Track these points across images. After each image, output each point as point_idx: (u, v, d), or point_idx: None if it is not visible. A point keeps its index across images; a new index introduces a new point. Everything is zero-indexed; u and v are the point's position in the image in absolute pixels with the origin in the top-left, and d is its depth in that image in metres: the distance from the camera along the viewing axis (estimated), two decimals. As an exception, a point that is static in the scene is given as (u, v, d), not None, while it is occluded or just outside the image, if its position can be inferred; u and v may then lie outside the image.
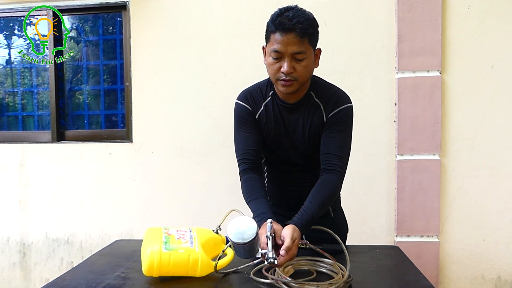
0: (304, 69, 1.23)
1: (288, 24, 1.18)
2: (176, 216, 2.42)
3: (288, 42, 1.19)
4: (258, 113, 1.38)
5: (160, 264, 1.09)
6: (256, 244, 1.07)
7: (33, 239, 2.57)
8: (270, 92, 1.37)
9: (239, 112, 1.41)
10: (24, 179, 2.57)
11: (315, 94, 1.34)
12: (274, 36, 1.21)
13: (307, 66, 1.24)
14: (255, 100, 1.38)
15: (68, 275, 1.19)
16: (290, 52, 1.20)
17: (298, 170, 1.40)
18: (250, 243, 1.03)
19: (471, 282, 2.19)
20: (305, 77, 1.26)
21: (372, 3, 2.20)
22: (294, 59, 1.21)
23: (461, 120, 2.16)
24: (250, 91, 1.41)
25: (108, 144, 2.49)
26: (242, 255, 1.09)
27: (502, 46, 2.12)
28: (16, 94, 2.76)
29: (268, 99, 1.37)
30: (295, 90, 1.27)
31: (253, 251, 1.07)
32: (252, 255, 1.08)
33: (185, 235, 1.20)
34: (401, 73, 2.17)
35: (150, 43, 2.40)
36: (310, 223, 1.19)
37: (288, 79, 1.23)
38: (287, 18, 1.19)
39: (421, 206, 2.17)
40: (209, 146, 2.36)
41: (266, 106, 1.37)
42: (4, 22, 2.73)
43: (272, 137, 1.37)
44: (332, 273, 1.13)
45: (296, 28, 1.18)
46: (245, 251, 1.07)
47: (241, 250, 1.06)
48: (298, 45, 1.20)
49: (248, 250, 1.06)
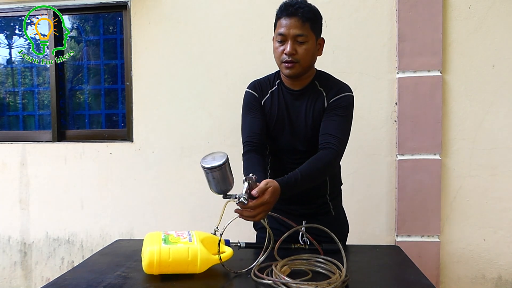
0: (305, 52, 1.34)
1: (291, 9, 1.33)
2: (176, 215, 2.42)
3: (290, 25, 1.32)
4: (264, 100, 1.47)
5: (160, 259, 1.10)
6: (228, 178, 1.14)
7: (34, 238, 2.58)
8: (277, 81, 1.48)
9: (247, 99, 1.49)
10: (25, 179, 2.57)
11: (319, 83, 1.43)
12: (280, 22, 1.35)
13: (308, 49, 1.35)
14: (263, 88, 1.48)
15: (69, 274, 1.19)
16: (292, 35, 1.32)
17: (299, 157, 1.42)
18: (219, 168, 1.11)
19: (472, 281, 2.19)
20: (307, 60, 1.36)
21: (373, 2, 2.20)
22: (296, 42, 1.33)
23: (462, 119, 2.16)
24: (259, 81, 1.51)
25: (109, 144, 2.49)
26: (214, 186, 1.15)
27: (503, 45, 2.12)
28: (16, 93, 2.77)
29: (274, 87, 1.47)
30: (297, 73, 1.37)
31: (224, 184, 1.14)
32: (223, 188, 1.14)
33: (183, 233, 1.21)
34: (401, 73, 2.17)
35: (151, 42, 2.40)
36: (291, 186, 1.22)
37: (290, 60, 1.33)
38: (291, 5, 1.34)
39: (421, 205, 2.17)
40: (210, 145, 2.36)
41: (272, 93, 1.46)
42: (5, 22, 2.73)
43: (275, 123, 1.44)
44: (329, 272, 1.13)
45: (298, 12, 1.32)
46: (216, 182, 1.13)
47: (212, 179, 1.12)
48: (300, 28, 1.32)
49: (219, 180, 1.12)
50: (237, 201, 1.11)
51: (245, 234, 1.73)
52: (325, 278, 1.09)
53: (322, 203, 1.51)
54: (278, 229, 1.39)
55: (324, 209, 1.51)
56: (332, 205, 1.52)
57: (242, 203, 1.11)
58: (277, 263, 1.16)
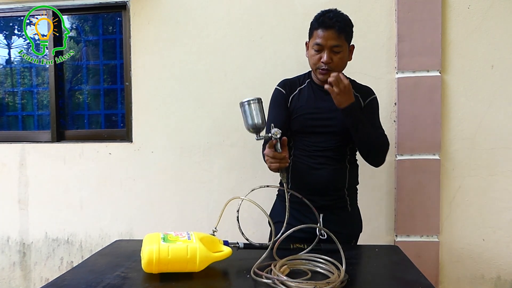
0: (340, 61, 1.50)
1: (329, 22, 1.46)
2: (176, 215, 2.42)
3: (328, 37, 1.46)
4: (292, 96, 1.60)
5: (159, 257, 1.10)
6: (261, 113, 1.26)
7: (33, 238, 2.57)
8: (307, 80, 1.62)
9: (275, 95, 1.64)
10: (24, 179, 2.57)
11: None
12: (317, 32, 1.48)
13: (343, 58, 1.51)
14: (292, 86, 1.63)
15: (68, 275, 1.19)
16: (329, 45, 1.46)
17: (322, 150, 1.55)
18: (255, 101, 1.26)
19: (471, 281, 2.19)
20: (341, 67, 1.52)
21: (372, 2, 2.20)
22: (332, 51, 1.48)
23: (461, 119, 2.17)
24: (289, 79, 1.66)
25: (108, 144, 2.49)
26: (250, 119, 1.26)
27: (502, 45, 2.12)
28: (16, 94, 2.76)
29: (304, 85, 1.62)
30: None
31: (257, 118, 1.26)
32: (258, 122, 1.26)
33: (182, 233, 1.22)
34: (401, 73, 2.17)
35: (150, 42, 2.40)
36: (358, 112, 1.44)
37: (326, 68, 1.48)
38: (329, 18, 1.47)
39: (421, 205, 2.17)
40: (209, 145, 2.36)
41: (300, 90, 1.61)
42: (4, 22, 2.73)
43: (304, 115, 1.56)
44: (328, 272, 1.13)
45: (336, 25, 1.45)
46: (251, 115, 1.26)
47: (248, 113, 1.26)
48: (336, 39, 1.46)
49: (253, 113, 1.25)
50: (273, 135, 1.26)
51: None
52: (324, 278, 1.09)
53: (340, 196, 1.58)
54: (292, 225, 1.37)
55: (341, 203, 1.58)
56: (349, 200, 1.61)
57: (276, 135, 1.26)
58: (276, 262, 1.16)
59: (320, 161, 1.54)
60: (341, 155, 1.57)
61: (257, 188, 1.37)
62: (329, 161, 1.54)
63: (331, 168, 1.53)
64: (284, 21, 2.28)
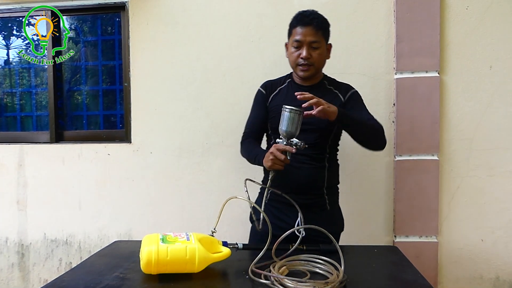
0: (319, 57, 1.57)
1: (307, 20, 1.55)
2: (175, 216, 2.41)
3: (306, 33, 1.53)
4: (272, 95, 1.68)
5: (158, 258, 1.10)
6: (298, 125, 1.35)
7: (32, 239, 2.57)
8: (288, 80, 1.69)
9: (256, 96, 1.73)
10: (22, 180, 2.56)
11: (327, 82, 1.66)
12: (296, 30, 1.56)
13: (321, 54, 1.57)
14: (273, 86, 1.70)
15: (67, 275, 1.19)
16: (308, 41, 1.53)
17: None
18: (297, 112, 1.34)
19: (470, 282, 2.19)
20: (320, 63, 1.60)
21: (371, 3, 2.21)
22: (311, 47, 1.54)
23: (460, 120, 2.17)
24: (271, 80, 1.74)
25: (107, 145, 2.48)
26: (286, 125, 1.35)
27: (500, 46, 2.13)
28: (14, 94, 2.76)
29: (284, 85, 1.68)
30: (311, 75, 1.59)
31: (293, 127, 1.35)
32: (292, 130, 1.35)
33: (181, 234, 1.22)
34: (399, 74, 2.17)
35: (149, 43, 2.40)
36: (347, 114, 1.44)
37: (306, 63, 1.55)
38: (306, 16, 1.56)
39: (419, 206, 2.17)
40: (208, 146, 2.36)
41: (280, 89, 1.68)
42: (3, 22, 2.73)
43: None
44: (327, 273, 1.13)
45: (313, 22, 1.54)
46: (291, 122, 1.35)
47: (288, 118, 1.34)
48: (314, 36, 1.54)
49: (293, 122, 1.35)
50: (298, 145, 1.36)
51: (243, 236, 1.73)
52: (323, 279, 1.09)
53: (318, 195, 1.60)
54: (275, 224, 1.44)
55: (319, 202, 1.59)
56: (328, 200, 1.61)
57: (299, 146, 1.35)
58: (275, 263, 1.17)
59: (299, 159, 1.55)
60: (320, 154, 1.59)
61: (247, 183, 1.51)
62: (308, 159, 1.57)
63: (310, 166, 1.55)
64: (283, 22, 2.24)
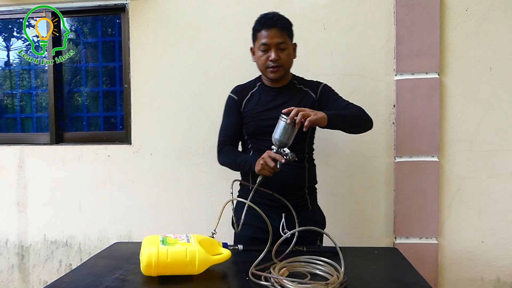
0: (287, 57, 1.57)
1: (271, 22, 1.55)
2: (174, 218, 2.41)
3: (272, 35, 1.53)
4: (244, 100, 1.67)
5: (158, 260, 1.10)
6: (292, 136, 1.35)
7: (32, 241, 2.57)
8: (258, 83, 1.69)
9: (227, 102, 1.73)
10: (22, 181, 2.56)
11: (297, 82, 1.67)
12: (261, 33, 1.56)
13: (289, 54, 1.58)
14: (244, 91, 1.69)
15: (67, 277, 1.19)
16: (275, 43, 1.54)
17: None
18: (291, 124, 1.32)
19: (470, 283, 2.19)
20: (288, 64, 1.60)
21: (371, 5, 2.21)
22: (278, 49, 1.55)
23: (460, 121, 2.17)
24: (241, 85, 1.73)
25: (107, 146, 2.48)
26: (279, 134, 1.35)
27: (500, 48, 2.13)
28: (14, 96, 2.76)
29: (255, 89, 1.68)
30: (281, 76, 1.59)
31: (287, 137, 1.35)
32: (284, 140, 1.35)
33: (181, 235, 1.22)
34: (399, 75, 2.18)
35: (149, 45, 2.40)
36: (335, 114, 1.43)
37: (275, 65, 1.55)
38: (269, 18, 1.56)
39: (420, 207, 2.17)
40: (208, 147, 2.36)
41: (252, 94, 1.68)
42: (3, 24, 2.73)
43: (257, 116, 1.61)
44: (327, 275, 1.13)
45: (278, 23, 1.54)
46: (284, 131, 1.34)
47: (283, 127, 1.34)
48: (280, 37, 1.54)
49: (287, 132, 1.34)
50: (287, 156, 1.36)
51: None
52: (323, 280, 1.09)
53: (301, 195, 1.62)
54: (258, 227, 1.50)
55: (301, 202, 1.62)
56: (310, 199, 1.64)
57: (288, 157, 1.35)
58: (275, 265, 1.16)
59: None
60: (300, 155, 1.60)
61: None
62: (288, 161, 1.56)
63: (290, 167, 1.54)
64: (283, 24, 2.28)
